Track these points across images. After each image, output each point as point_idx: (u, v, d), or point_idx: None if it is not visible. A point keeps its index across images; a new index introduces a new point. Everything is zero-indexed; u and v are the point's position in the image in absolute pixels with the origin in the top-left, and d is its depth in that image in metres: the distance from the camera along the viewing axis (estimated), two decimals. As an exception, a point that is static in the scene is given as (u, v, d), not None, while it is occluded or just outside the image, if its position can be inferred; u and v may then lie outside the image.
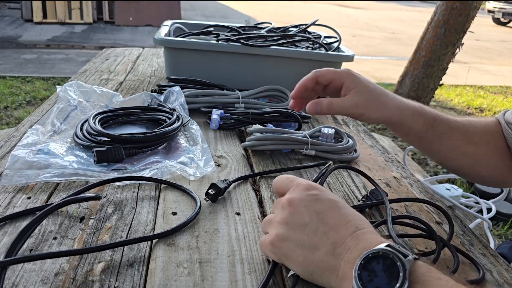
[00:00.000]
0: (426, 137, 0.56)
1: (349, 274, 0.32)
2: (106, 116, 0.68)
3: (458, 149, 0.56)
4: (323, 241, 0.35)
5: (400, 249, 0.31)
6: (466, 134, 0.56)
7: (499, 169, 0.57)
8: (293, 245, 0.36)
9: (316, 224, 0.36)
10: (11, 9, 6.25)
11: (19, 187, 0.51)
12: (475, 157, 0.56)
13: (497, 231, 1.72)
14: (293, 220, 0.37)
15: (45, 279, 0.37)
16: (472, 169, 0.58)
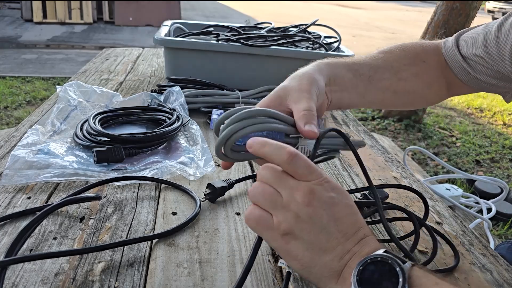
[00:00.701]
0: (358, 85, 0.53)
1: (348, 279, 0.32)
2: (106, 116, 0.68)
3: (390, 88, 0.55)
4: (335, 248, 0.34)
5: (397, 255, 0.31)
6: (392, 70, 0.55)
7: (430, 96, 0.59)
8: (302, 246, 0.34)
9: (332, 230, 0.34)
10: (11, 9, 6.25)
11: (19, 187, 0.51)
12: (407, 93, 0.57)
13: (497, 231, 1.72)
14: (311, 222, 0.34)
15: (45, 279, 0.37)
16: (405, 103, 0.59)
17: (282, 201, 0.34)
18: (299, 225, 0.33)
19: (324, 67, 0.51)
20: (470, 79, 0.56)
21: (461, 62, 0.55)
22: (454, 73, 0.57)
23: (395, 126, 2.94)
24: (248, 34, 0.98)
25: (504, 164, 2.52)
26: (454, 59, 0.56)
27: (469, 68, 0.55)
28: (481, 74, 0.54)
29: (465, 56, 0.55)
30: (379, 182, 0.61)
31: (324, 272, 0.34)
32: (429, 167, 2.36)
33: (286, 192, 0.34)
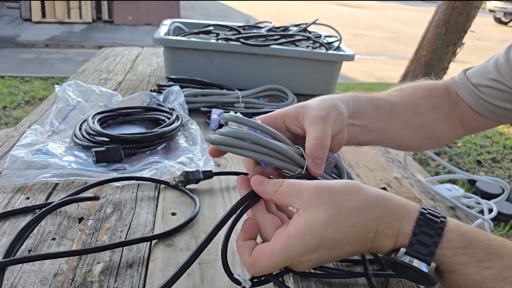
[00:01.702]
0: (379, 120, 0.51)
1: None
2: (105, 116, 0.68)
3: (408, 124, 0.54)
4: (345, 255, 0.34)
5: (420, 251, 0.31)
6: (409, 106, 0.55)
7: (445, 133, 0.58)
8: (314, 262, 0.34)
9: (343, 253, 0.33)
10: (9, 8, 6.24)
11: (18, 187, 0.51)
12: (422, 127, 0.56)
13: (498, 232, 1.72)
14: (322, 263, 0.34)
15: (44, 279, 0.37)
16: (422, 140, 0.57)
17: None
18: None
19: (349, 98, 0.49)
20: (484, 108, 0.54)
21: (474, 90, 0.55)
22: (467, 103, 0.55)
23: (395, 126, 2.94)
24: (248, 33, 0.98)
25: (505, 164, 2.52)
26: (466, 89, 0.55)
27: (483, 95, 0.54)
28: (495, 99, 0.53)
29: (476, 85, 0.55)
30: (380, 182, 0.61)
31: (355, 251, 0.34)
32: (430, 167, 2.36)
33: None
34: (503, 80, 0.52)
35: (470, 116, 0.57)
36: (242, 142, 0.36)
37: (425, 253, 0.31)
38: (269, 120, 0.43)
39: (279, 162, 0.38)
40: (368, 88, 3.91)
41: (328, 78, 0.96)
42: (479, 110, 0.55)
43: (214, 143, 0.37)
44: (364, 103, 0.50)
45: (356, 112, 0.49)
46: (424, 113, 0.55)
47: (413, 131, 0.55)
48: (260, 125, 0.38)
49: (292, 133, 0.44)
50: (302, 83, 0.96)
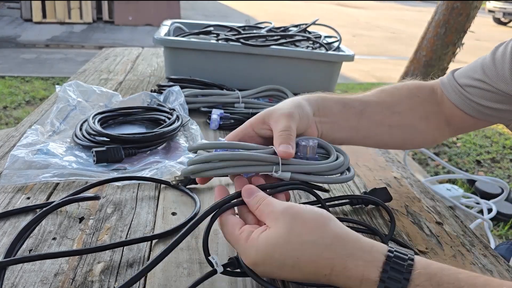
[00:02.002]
0: (348, 117, 0.52)
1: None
2: (106, 116, 0.68)
3: (384, 122, 0.54)
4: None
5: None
6: (386, 105, 0.55)
7: (427, 132, 0.58)
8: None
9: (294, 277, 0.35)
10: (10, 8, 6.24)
11: (19, 187, 0.51)
12: (401, 126, 0.56)
13: (497, 231, 1.72)
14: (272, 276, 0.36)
15: (44, 279, 0.37)
16: (404, 138, 0.57)
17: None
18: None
19: (312, 97, 0.51)
20: (471, 107, 0.55)
21: (460, 89, 0.55)
22: (454, 103, 0.56)
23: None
24: (248, 33, 0.98)
25: (504, 164, 2.52)
26: (453, 89, 0.56)
27: (469, 95, 0.54)
28: (481, 99, 0.53)
29: (463, 85, 0.55)
30: (379, 182, 0.61)
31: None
32: (429, 167, 2.36)
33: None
34: (488, 81, 0.52)
35: (457, 116, 0.57)
36: (212, 164, 0.40)
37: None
38: (239, 133, 0.46)
39: (253, 168, 0.41)
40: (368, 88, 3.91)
41: (328, 78, 0.96)
42: (466, 110, 0.55)
43: (188, 174, 0.41)
44: (330, 101, 0.52)
45: (321, 110, 0.51)
46: (402, 112, 0.55)
47: (391, 129, 0.55)
48: (226, 143, 0.42)
49: (263, 137, 0.47)
50: (302, 84, 0.96)
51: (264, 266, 0.34)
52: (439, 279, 0.30)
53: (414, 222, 0.52)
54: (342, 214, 0.52)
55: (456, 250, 0.47)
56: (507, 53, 0.51)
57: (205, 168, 0.40)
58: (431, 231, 0.50)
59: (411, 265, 0.31)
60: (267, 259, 0.33)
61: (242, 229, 0.36)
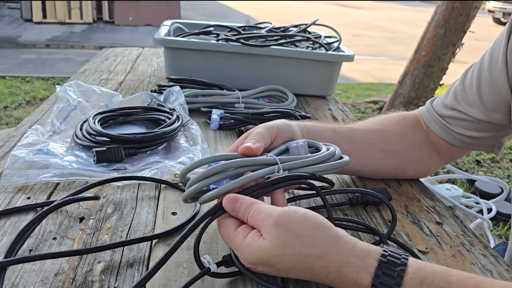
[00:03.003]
0: (339, 143, 0.51)
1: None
2: (106, 116, 0.68)
3: (375, 147, 0.55)
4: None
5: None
6: (376, 132, 0.55)
7: (420, 161, 0.58)
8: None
9: (291, 277, 0.36)
10: (10, 9, 6.25)
11: (19, 187, 0.51)
12: (393, 153, 0.56)
13: (497, 231, 1.72)
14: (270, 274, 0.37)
15: (44, 279, 0.37)
16: (394, 166, 0.57)
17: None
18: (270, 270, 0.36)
19: (300, 122, 0.52)
20: (452, 137, 0.55)
21: (441, 120, 0.56)
22: (436, 134, 0.56)
23: (395, 126, 2.94)
24: (248, 34, 0.98)
25: (504, 164, 2.53)
26: (433, 119, 0.56)
27: (450, 125, 0.55)
28: (461, 129, 0.54)
29: (443, 116, 0.56)
30: (379, 182, 0.61)
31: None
32: (429, 167, 2.36)
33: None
34: (461, 109, 0.53)
35: (442, 146, 0.57)
36: (212, 179, 0.39)
37: None
38: (234, 147, 0.47)
39: (257, 174, 0.39)
40: (368, 88, 3.92)
41: (328, 78, 0.96)
42: (449, 140, 0.56)
43: (188, 198, 0.41)
44: (318, 127, 0.53)
45: (310, 132, 0.51)
46: (393, 139, 0.56)
47: (383, 154, 0.56)
48: (215, 156, 0.41)
49: None
50: (302, 84, 0.96)
51: (260, 267, 0.35)
52: (430, 283, 0.31)
53: (414, 222, 0.52)
54: (342, 214, 0.52)
55: (456, 250, 0.47)
56: (473, 79, 0.52)
57: (206, 184, 0.39)
58: (431, 231, 0.50)
59: (403, 270, 0.31)
60: (263, 263, 0.35)
61: (237, 231, 0.37)
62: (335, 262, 0.33)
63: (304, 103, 0.95)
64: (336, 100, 1.00)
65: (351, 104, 3.38)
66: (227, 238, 0.37)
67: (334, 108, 0.94)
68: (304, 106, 0.92)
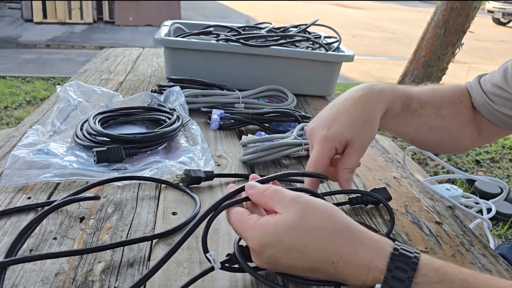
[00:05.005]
0: (401, 117, 0.53)
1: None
2: (106, 116, 0.68)
3: (427, 123, 0.54)
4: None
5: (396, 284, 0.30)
6: (434, 107, 0.55)
7: (463, 138, 0.58)
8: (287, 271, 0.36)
9: (297, 272, 0.35)
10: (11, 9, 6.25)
11: (19, 187, 0.51)
12: (442, 130, 0.56)
13: (497, 231, 1.72)
14: (277, 265, 0.35)
15: (45, 279, 0.37)
16: (438, 141, 0.57)
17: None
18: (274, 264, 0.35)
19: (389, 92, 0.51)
20: (493, 115, 0.55)
21: (485, 97, 0.55)
22: (479, 111, 0.56)
23: (395, 126, 2.94)
24: (248, 34, 0.98)
25: (504, 164, 2.53)
26: (479, 95, 0.56)
27: (492, 103, 0.54)
28: (502, 107, 0.53)
29: (486, 92, 0.55)
30: (379, 182, 0.61)
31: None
32: (429, 167, 2.36)
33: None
34: (509, 89, 0.52)
35: (484, 124, 0.57)
36: (264, 152, 0.62)
37: (403, 281, 0.30)
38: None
39: (286, 151, 0.63)
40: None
41: (328, 78, 0.97)
42: (490, 118, 0.55)
43: (246, 160, 0.62)
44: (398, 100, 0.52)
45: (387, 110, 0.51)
46: (446, 117, 0.55)
47: (429, 131, 0.55)
48: (265, 137, 0.64)
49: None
50: (302, 84, 0.96)
51: (271, 249, 0.33)
52: (445, 271, 0.31)
53: (414, 222, 0.52)
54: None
55: (456, 249, 0.47)
56: None
57: (257, 156, 0.61)
58: (431, 230, 0.50)
59: (417, 258, 0.31)
60: (276, 242, 0.33)
61: (251, 216, 0.36)
62: (350, 241, 0.32)
63: (304, 103, 0.95)
64: (336, 100, 1.00)
65: (351, 104, 3.38)
66: (240, 222, 0.36)
67: (334, 108, 0.94)
68: (304, 106, 0.92)
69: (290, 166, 0.64)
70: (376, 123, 0.49)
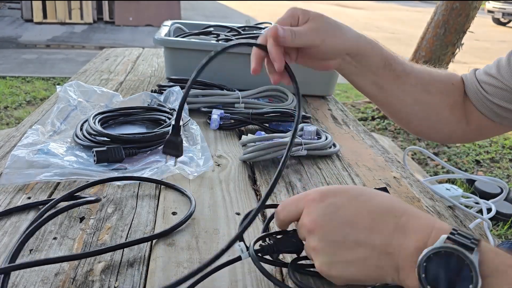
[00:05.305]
0: (381, 78, 0.53)
1: (410, 272, 0.31)
2: (106, 116, 0.68)
3: (412, 94, 0.54)
4: (370, 248, 0.32)
5: (462, 240, 0.29)
6: (422, 81, 0.55)
7: (449, 122, 0.57)
8: (342, 266, 0.34)
9: (353, 234, 0.33)
10: (11, 9, 6.25)
11: (19, 187, 0.51)
12: (427, 105, 0.55)
13: (497, 231, 1.72)
14: (328, 242, 0.34)
15: (45, 279, 0.37)
16: (422, 118, 0.57)
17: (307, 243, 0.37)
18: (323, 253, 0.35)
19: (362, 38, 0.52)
20: (483, 104, 0.54)
21: (477, 86, 0.55)
22: (470, 99, 0.56)
23: (395, 126, 2.94)
24: (248, 34, 0.98)
25: (504, 164, 2.53)
26: (472, 84, 0.56)
27: (485, 92, 0.54)
28: (496, 98, 0.53)
29: (480, 81, 0.55)
30: (379, 182, 0.61)
31: (382, 274, 0.33)
32: (429, 167, 2.36)
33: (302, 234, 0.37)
34: (501, 79, 0.53)
35: (473, 113, 0.56)
36: (259, 152, 0.61)
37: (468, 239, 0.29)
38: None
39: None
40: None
41: (328, 78, 0.96)
42: (481, 108, 0.55)
43: (246, 159, 0.62)
44: (374, 56, 0.52)
45: (359, 56, 0.51)
46: (433, 93, 0.55)
47: (415, 104, 0.55)
48: (265, 136, 0.64)
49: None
50: (302, 84, 0.95)
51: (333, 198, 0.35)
52: (502, 253, 0.30)
53: (413, 221, 0.52)
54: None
55: (455, 249, 0.47)
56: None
57: (257, 155, 0.61)
58: (430, 230, 0.50)
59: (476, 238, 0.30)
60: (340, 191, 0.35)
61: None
62: (404, 211, 0.33)
63: (304, 103, 0.95)
64: (336, 100, 1.00)
65: (351, 104, 3.38)
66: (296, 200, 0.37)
67: (334, 108, 0.94)
68: (304, 106, 0.92)
69: (290, 166, 0.64)
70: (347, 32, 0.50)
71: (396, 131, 2.89)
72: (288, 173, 0.61)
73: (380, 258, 0.32)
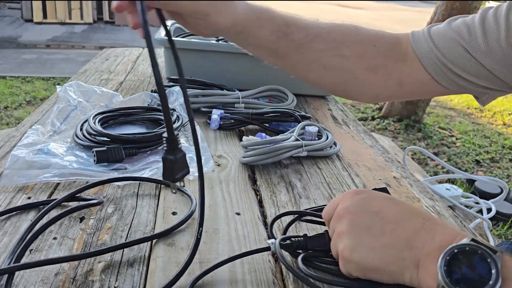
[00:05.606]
0: (279, 49, 0.47)
1: (431, 268, 0.31)
2: (106, 116, 0.68)
3: (319, 61, 0.49)
4: (395, 239, 0.34)
5: (487, 244, 0.30)
6: (332, 44, 0.48)
7: (371, 84, 0.51)
8: (365, 251, 0.34)
9: (380, 223, 0.34)
10: (11, 9, 6.25)
11: (19, 187, 0.51)
12: (340, 70, 0.50)
13: (497, 231, 1.72)
14: (355, 227, 0.35)
15: (45, 279, 0.37)
16: (337, 83, 0.52)
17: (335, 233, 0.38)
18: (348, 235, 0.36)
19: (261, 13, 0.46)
20: (443, 74, 0.48)
21: (436, 52, 0.48)
22: (425, 68, 0.49)
23: (395, 126, 2.94)
24: (248, 34, 0.98)
25: (504, 164, 2.53)
26: (427, 50, 0.48)
27: (445, 60, 0.47)
28: (457, 68, 0.47)
29: (440, 48, 0.48)
30: (379, 182, 0.61)
31: (401, 267, 0.33)
32: (429, 167, 2.36)
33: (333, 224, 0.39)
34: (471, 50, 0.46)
35: (420, 80, 0.50)
36: (261, 156, 0.61)
37: (491, 245, 0.30)
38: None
39: (287, 154, 0.63)
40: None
41: (328, 78, 0.96)
42: (437, 77, 0.48)
43: (246, 162, 0.61)
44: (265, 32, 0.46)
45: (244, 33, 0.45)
46: (348, 56, 0.49)
47: (325, 70, 0.50)
48: (265, 140, 0.63)
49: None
50: (302, 84, 0.95)
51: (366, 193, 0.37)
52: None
53: (413, 221, 0.52)
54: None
55: (455, 249, 0.47)
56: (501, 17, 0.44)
57: (258, 159, 0.61)
58: (430, 230, 0.50)
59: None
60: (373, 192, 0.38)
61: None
62: (432, 217, 0.35)
63: (304, 103, 0.95)
64: (336, 100, 1.00)
65: (350, 104, 3.38)
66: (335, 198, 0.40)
67: (334, 108, 0.94)
68: (304, 106, 0.92)
69: (290, 166, 0.64)
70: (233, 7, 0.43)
71: (396, 131, 2.89)
72: (288, 173, 0.61)
73: (403, 250, 0.33)
